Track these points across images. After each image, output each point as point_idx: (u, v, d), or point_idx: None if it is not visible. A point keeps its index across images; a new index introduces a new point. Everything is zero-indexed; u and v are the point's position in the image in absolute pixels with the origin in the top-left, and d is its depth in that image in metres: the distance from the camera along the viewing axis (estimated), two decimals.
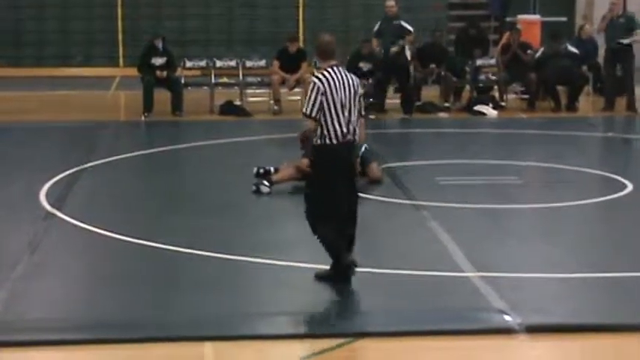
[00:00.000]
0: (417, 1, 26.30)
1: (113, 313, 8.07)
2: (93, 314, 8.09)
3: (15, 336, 7.57)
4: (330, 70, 8.67)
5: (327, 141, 8.61)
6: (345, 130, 8.61)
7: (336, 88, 8.58)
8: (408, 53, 19.15)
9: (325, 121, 8.57)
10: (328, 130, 8.59)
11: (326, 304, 8.37)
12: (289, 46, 19.48)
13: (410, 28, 18.95)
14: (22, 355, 7.38)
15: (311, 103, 8.58)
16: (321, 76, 8.66)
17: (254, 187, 12.17)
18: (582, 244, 10.37)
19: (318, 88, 8.57)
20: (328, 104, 8.55)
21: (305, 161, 12.51)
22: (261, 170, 12.63)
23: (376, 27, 19.34)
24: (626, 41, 18.87)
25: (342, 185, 8.72)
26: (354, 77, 8.79)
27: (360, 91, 8.79)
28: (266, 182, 12.27)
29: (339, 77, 8.64)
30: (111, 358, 7.35)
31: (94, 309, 8.23)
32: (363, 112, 8.89)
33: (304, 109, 8.66)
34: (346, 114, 8.61)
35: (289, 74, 19.17)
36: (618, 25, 19.08)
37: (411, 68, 19.37)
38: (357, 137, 8.76)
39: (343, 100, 8.60)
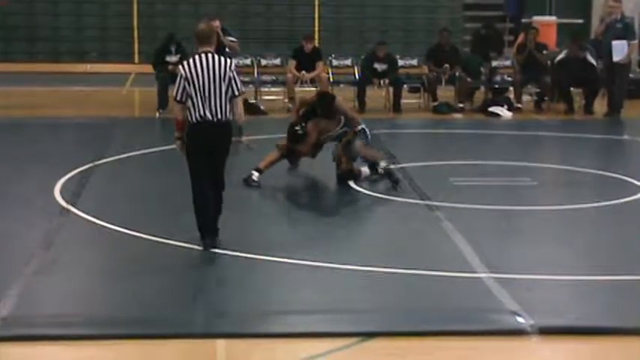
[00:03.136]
0: (433, 1, 26.38)
1: (127, 310, 8.10)
2: (107, 310, 8.13)
3: (29, 330, 7.60)
4: (198, 56, 9.44)
5: (192, 120, 9.44)
6: (206, 111, 9.36)
7: (197, 73, 9.35)
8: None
9: (191, 103, 9.39)
10: (194, 111, 9.39)
11: (338, 302, 8.36)
12: (305, 45, 19.54)
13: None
14: (35, 349, 7.40)
15: (176, 88, 9.51)
16: (185, 63, 9.49)
17: (244, 181, 12.33)
18: (595, 246, 10.35)
19: (181, 74, 9.42)
20: (190, 88, 9.37)
21: (283, 141, 12.77)
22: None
23: None
24: (616, 59, 18.78)
25: (202, 159, 9.48)
26: (224, 61, 9.46)
27: (231, 74, 9.42)
28: (255, 172, 12.50)
29: (205, 62, 9.38)
30: (124, 354, 7.37)
31: (108, 305, 8.27)
32: (237, 93, 9.51)
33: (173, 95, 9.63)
34: (210, 96, 9.36)
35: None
36: (615, 30, 18.99)
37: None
38: (221, 116, 9.40)
39: (207, 84, 9.35)
